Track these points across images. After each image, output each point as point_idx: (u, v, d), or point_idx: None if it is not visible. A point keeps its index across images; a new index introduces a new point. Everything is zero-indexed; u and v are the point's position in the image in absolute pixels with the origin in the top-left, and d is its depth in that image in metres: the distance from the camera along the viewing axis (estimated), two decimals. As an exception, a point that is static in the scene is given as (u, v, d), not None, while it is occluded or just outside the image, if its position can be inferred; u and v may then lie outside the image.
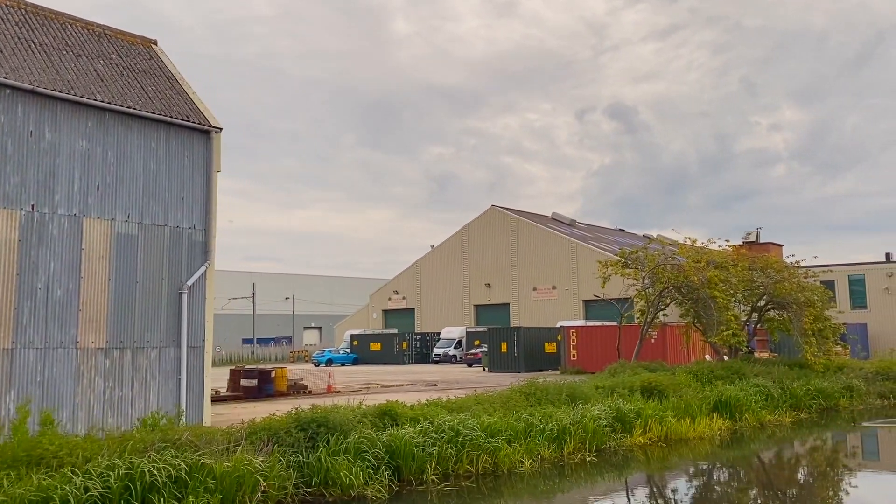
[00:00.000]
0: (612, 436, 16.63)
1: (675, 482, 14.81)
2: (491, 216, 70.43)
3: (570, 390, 18.06)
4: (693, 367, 23.81)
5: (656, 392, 19.63)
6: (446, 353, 62.22)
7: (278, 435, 11.67)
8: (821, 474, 15.86)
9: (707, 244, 29.86)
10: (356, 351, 66.61)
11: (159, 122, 18.72)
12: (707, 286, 25.57)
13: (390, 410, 13.75)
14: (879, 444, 20.06)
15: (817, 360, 25.77)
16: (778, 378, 23.85)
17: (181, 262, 18.83)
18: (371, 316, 79.13)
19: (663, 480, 14.89)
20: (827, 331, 27.19)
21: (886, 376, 28.21)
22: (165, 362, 18.32)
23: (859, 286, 53.49)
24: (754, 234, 62.17)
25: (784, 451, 18.82)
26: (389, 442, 12.61)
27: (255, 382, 29.27)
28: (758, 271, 27.77)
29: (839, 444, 20.07)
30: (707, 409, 19.76)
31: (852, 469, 16.65)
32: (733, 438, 18.99)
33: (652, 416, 17.60)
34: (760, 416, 20.84)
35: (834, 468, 16.65)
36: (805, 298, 27.06)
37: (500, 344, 46.76)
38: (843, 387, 25.55)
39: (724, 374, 23.09)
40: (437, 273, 73.24)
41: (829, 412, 24.20)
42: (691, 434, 18.03)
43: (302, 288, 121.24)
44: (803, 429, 21.09)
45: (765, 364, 26.11)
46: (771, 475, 15.82)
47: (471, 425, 13.81)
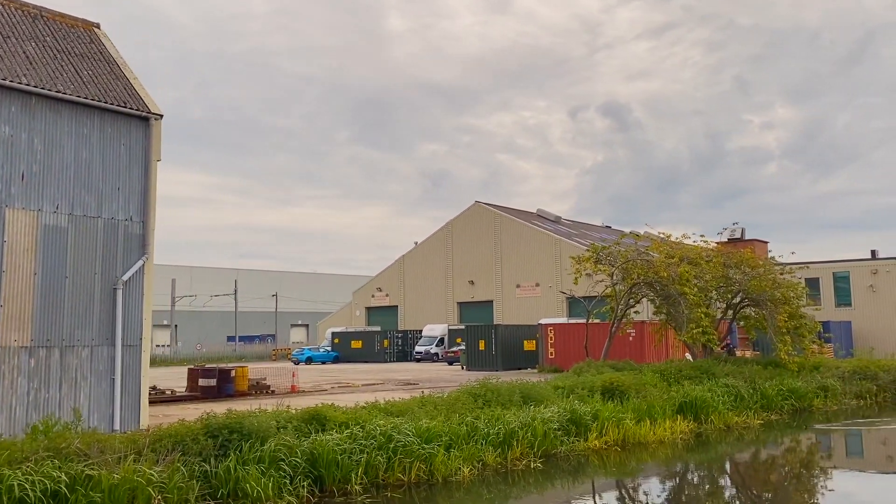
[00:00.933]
0: (565, 440, 15.72)
1: (619, 491, 13.91)
2: (475, 212, 69.52)
3: (525, 391, 17.16)
4: (661, 367, 22.95)
5: (618, 393, 18.74)
6: (428, 351, 61.33)
7: (184, 442, 10.70)
8: (765, 484, 14.98)
9: (681, 239, 28.99)
10: (337, 349, 65.70)
11: (93, 108, 17.70)
12: (678, 282, 24.71)
13: (319, 415, 12.80)
14: (833, 448, 19.13)
15: (791, 359, 24.94)
16: (750, 378, 23.00)
17: (116, 256, 17.82)
18: (354, 313, 78.16)
19: (607, 490, 13.97)
20: (803, 329, 26.35)
21: (864, 375, 27.39)
22: (98, 362, 17.31)
23: (844, 283, 52.80)
24: (738, 231, 61.34)
25: (743, 456, 17.87)
26: (311, 449, 11.66)
27: (214, 382, 28.26)
28: (732, 268, 26.90)
29: (796, 448, 19.05)
30: (671, 410, 18.89)
31: (806, 477, 15.75)
32: (695, 442, 18.12)
33: (609, 418, 16.71)
34: (727, 417, 19.97)
35: (785, 476, 15.75)
36: (781, 295, 26.23)
37: (477, 342, 45.91)
38: (818, 387, 24.71)
39: (693, 373, 22.23)
40: (421, 270, 72.33)
41: (802, 413, 23.36)
42: (650, 437, 17.13)
43: (290, 285, 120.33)
44: (770, 431, 20.20)
45: (738, 363, 25.28)
46: (723, 484, 14.92)
47: (406, 430, 12.87)
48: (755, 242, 62.43)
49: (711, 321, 25.04)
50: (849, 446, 19.27)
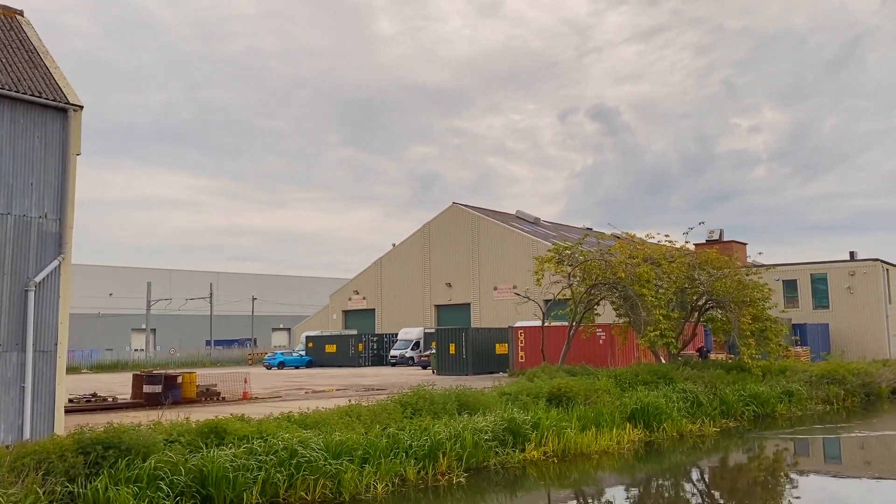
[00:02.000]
0: (500, 451, 14.70)
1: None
2: (452, 214, 68.56)
3: (463, 398, 16.14)
4: (617, 371, 21.99)
5: (565, 399, 17.74)
6: (403, 355, 60.23)
7: (50, 460, 9.61)
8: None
9: (646, 238, 28.07)
10: (311, 353, 64.52)
11: (3, 98, 16.55)
12: (636, 283, 23.78)
13: (218, 428, 11.72)
14: (776, 458, 18.05)
15: (755, 363, 24.03)
16: (710, 383, 22.06)
17: (28, 256, 16.66)
18: (331, 317, 76.96)
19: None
20: (769, 332, 25.46)
21: (832, 379, 26.53)
22: (6, 368, 16.14)
23: (822, 285, 52.10)
24: (717, 232, 60.68)
25: (688, 468, 16.73)
26: (200, 466, 10.58)
27: (159, 389, 27.08)
28: (697, 268, 25.99)
29: (738, 460, 17.95)
30: (621, 418, 17.90)
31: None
32: (643, 452, 17.11)
33: (550, 427, 15.71)
34: (681, 425, 19.00)
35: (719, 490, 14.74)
36: (746, 297, 25.34)
37: (448, 345, 44.91)
38: (782, 392, 23.80)
39: (651, 378, 21.27)
40: (399, 272, 71.26)
41: (765, 419, 22.43)
42: (594, 447, 16.13)
43: (272, 288, 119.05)
44: (724, 440, 19.17)
45: (701, 367, 24.34)
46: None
47: (314, 444, 11.80)
48: (734, 244, 61.84)
49: (672, 324, 24.11)
50: (792, 454, 18.22)
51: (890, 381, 29.42)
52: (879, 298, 49.33)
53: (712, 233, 61.99)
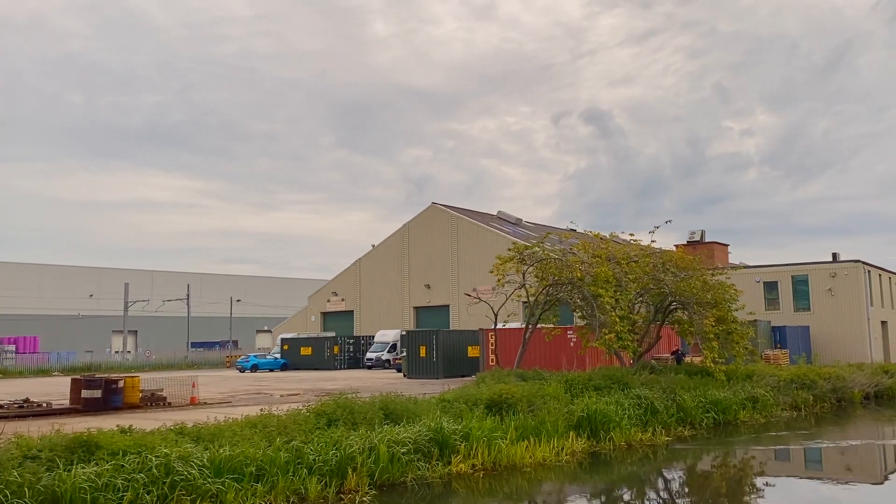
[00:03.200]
0: (422, 465, 13.51)
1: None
2: (431, 214, 67.40)
3: (391, 407, 14.96)
4: (569, 376, 20.85)
5: (506, 407, 16.60)
6: (379, 358, 59.05)
7: None
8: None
9: (610, 237, 26.98)
10: (287, 356, 63.29)
11: None
12: (593, 283, 22.68)
13: (89, 441, 10.53)
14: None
15: (718, 367, 22.93)
16: (669, 388, 20.94)
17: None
18: (309, 319, 75.66)
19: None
20: (735, 334, 24.37)
21: (801, 384, 25.44)
22: None
23: (803, 287, 51.08)
24: (699, 234, 59.71)
25: (617, 484, 15.38)
26: (53, 486, 9.39)
27: (99, 394, 25.82)
28: (660, 268, 24.87)
29: (673, 475, 16.57)
30: (566, 426, 16.76)
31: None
32: (583, 464, 15.92)
33: (481, 437, 14.55)
34: (630, 434, 17.85)
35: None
36: (712, 298, 24.26)
37: (418, 348, 43.80)
38: (746, 397, 22.69)
39: (604, 383, 20.15)
40: (377, 273, 70.04)
41: (726, 427, 21.29)
42: (528, 460, 14.98)
43: (259, 290, 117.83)
44: (671, 452, 17.88)
45: (661, 371, 23.23)
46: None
47: (196, 459, 10.62)
48: (715, 245, 60.89)
49: (630, 325, 22.97)
50: (735, 468, 16.94)
51: (863, 386, 28.37)
52: (861, 301, 48.33)
53: (694, 234, 61.02)
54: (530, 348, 37.77)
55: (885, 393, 29.74)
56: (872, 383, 28.98)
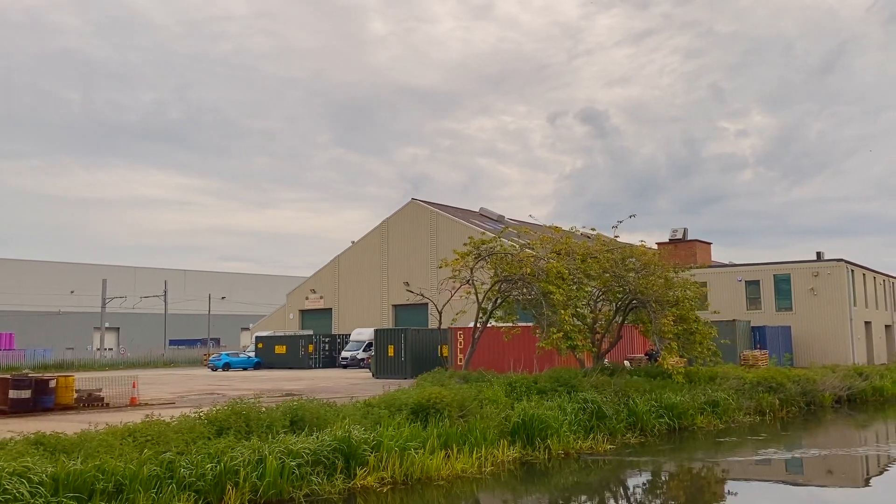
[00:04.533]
0: (321, 479, 12.18)
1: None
2: (411, 211, 66.10)
3: (300, 413, 13.63)
4: (513, 378, 19.56)
5: (433, 412, 15.28)
6: (354, 357, 57.76)
7: None
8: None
9: (571, 231, 25.66)
10: (261, 354, 62.00)
11: None
12: (545, 280, 21.40)
13: None
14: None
15: (676, 369, 21.64)
16: (622, 391, 19.64)
17: None
18: (287, 316, 74.28)
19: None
20: (697, 335, 23.09)
21: (768, 387, 24.14)
22: None
23: (785, 286, 49.84)
24: (680, 232, 58.47)
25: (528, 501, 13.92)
26: None
27: (28, 394, 24.46)
28: (620, 264, 23.55)
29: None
30: (497, 434, 15.45)
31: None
32: (504, 477, 14.49)
33: (394, 447, 13.23)
34: (569, 442, 16.53)
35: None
36: (673, 296, 22.98)
37: (386, 347, 42.51)
38: (706, 401, 21.38)
39: (550, 386, 18.85)
40: (357, 271, 68.68)
41: (682, 433, 19.98)
42: (445, 472, 13.64)
43: (245, 287, 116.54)
44: (613, 461, 16.54)
45: (619, 373, 21.93)
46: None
47: (36, 475, 9.29)
48: (697, 243, 59.67)
49: (582, 324, 21.64)
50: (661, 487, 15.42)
51: (835, 389, 27.09)
52: (843, 301, 47.12)
53: (676, 231, 59.75)
54: (493, 349, 36.53)
55: (858, 396, 28.47)
56: (845, 386, 27.69)
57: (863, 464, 17.26)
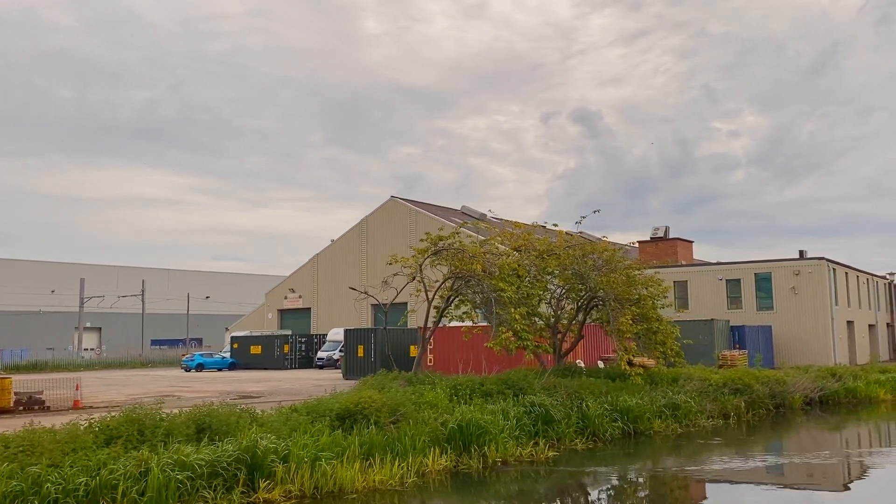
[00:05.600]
0: (217, 493, 11.11)
1: None
2: (390, 208, 65.06)
3: (207, 420, 12.56)
4: (458, 380, 18.54)
5: (361, 418, 14.23)
6: (330, 357, 56.67)
7: None
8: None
9: (532, 227, 24.63)
10: (237, 354, 60.85)
11: None
12: (496, 277, 20.38)
13: None
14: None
15: (635, 371, 20.64)
16: (575, 393, 18.62)
17: None
18: (266, 316, 73.10)
19: None
20: (660, 334, 22.08)
21: (734, 389, 23.15)
22: None
23: (766, 285, 48.93)
24: (662, 230, 57.58)
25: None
26: None
27: (-40, 397, 23.34)
28: (579, 260, 22.51)
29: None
30: (429, 441, 14.40)
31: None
32: (425, 490, 13.31)
33: (305, 457, 12.17)
34: (508, 449, 15.49)
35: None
36: (634, 294, 21.96)
37: (356, 347, 41.49)
38: (666, 404, 20.36)
39: (498, 388, 17.83)
40: (335, 270, 67.54)
41: (637, 438, 18.95)
42: (360, 484, 12.58)
43: (228, 286, 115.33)
44: (550, 471, 15.45)
45: (576, 374, 20.92)
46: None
47: None
48: (678, 241, 58.80)
49: (537, 323, 20.60)
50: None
51: (805, 391, 26.11)
52: (825, 299, 46.25)
53: (657, 230, 58.87)
54: (458, 349, 35.52)
55: (830, 398, 27.50)
56: (816, 387, 26.73)
57: (822, 473, 16.21)
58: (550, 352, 22.48)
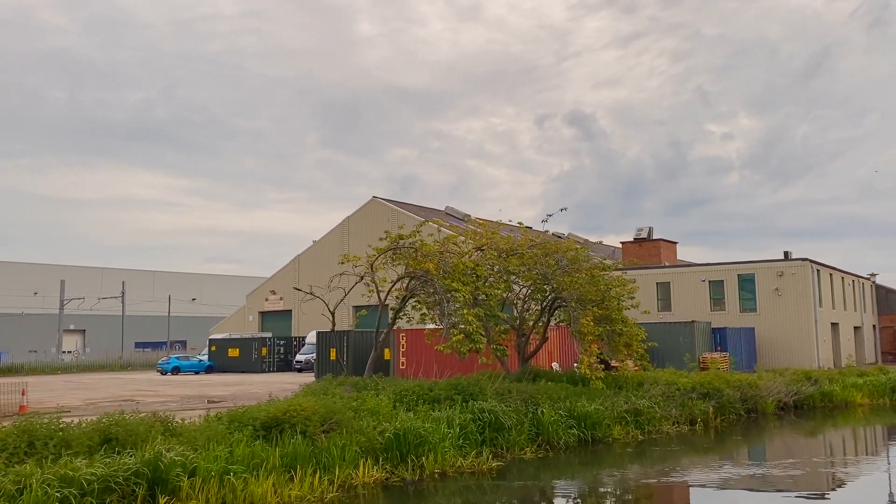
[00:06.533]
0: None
1: None
2: (371, 209, 64.09)
3: (114, 431, 11.60)
4: (405, 386, 17.62)
5: (288, 427, 13.28)
6: (309, 360, 55.63)
7: None
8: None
9: (496, 224, 23.74)
10: (214, 357, 59.85)
11: None
12: (449, 277, 19.48)
13: None
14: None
15: (595, 374, 19.73)
16: (530, 399, 17.70)
17: None
18: (247, 318, 72.02)
19: None
20: (625, 336, 21.20)
21: (703, 393, 22.26)
22: None
23: (749, 286, 48.13)
24: (646, 231, 56.78)
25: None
26: None
27: None
28: (541, 260, 21.60)
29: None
30: (358, 453, 13.45)
31: None
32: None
33: (212, 471, 11.22)
34: (448, 460, 14.53)
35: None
36: (598, 294, 21.08)
37: (327, 350, 40.57)
38: (628, 409, 19.44)
39: (446, 393, 16.89)
40: (316, 271, 66.31)
41: (595, 446, 18.01)
42: (273, 500, 11.61)
43: (213, 288, 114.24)
44: (485, 485, 14.39)
45: (535, 379, 20.00)
46: None
47: None
48: (662, 242, 58.02)
49: (480, 324, 19.57)
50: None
51: (779, 395, 25.21)
52: (808, 301, 45.46)
53: (640, 231, 58.06)
54: (431, 352, 34.53)
55: (805, 402, 26.62)
56: (791, 391, 25.85)
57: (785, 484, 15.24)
58: (507, 355, 21.54)
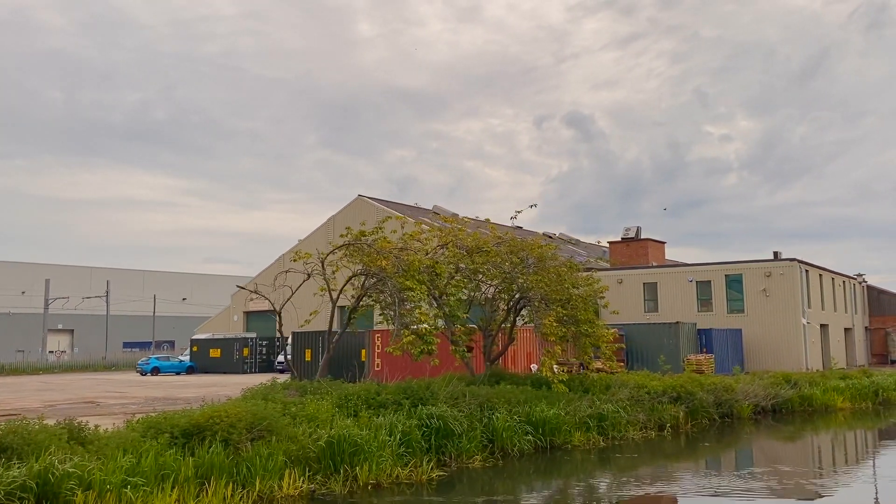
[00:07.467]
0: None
1: None
2: (357, 207, 63.10)
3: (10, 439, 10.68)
4: (353, 389, 16.69)
5: (210, 435, 12.35)
6: (291, 361, 54.58)
7: None
8: None
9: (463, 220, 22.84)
10: (196, 358, 58.93)
11: None
12: (403, 275, 18.58)
13: None
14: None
15: (556, 377, 18.79)
16: (485, 403, 16.78)
17: None
18: (232, 318, 71.09)
19: None
20: (592, 338, 20.28)
21: (675, 397, 21.31)
22: None
23: (737, 287, 47.23)
24: (633, 230, 55.88)
25: None
26: None
27: None
28: (506, 258, 20.68)
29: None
30: (284, 462, 12.51)
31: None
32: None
33: (109, 483, 10.31)
34: (384, 469, 13.59)
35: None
36: (564, 293, 20.17)
37: (303, 351, 39.68)
38: (591, 414, 18.50)
39: (395, 398, 15.96)
40: (302, 270, 65.55)
41: (553, 453, 17.08)
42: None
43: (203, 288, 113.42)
44: (416, 499, 13.40)
45: (498, 381, 19.07)
46: None
47: None
48: (650, 242, 57.11)
49: (430, 327, 18.64)
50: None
51: (755, 399, 24.27)
52: (796, 302, 44.58)
53: (628, 230, 57.16)
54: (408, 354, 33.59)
55: (784, 407, 25.67)
56: (769, 395, 24.90)
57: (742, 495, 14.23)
58: (467, 357, 20.61)
